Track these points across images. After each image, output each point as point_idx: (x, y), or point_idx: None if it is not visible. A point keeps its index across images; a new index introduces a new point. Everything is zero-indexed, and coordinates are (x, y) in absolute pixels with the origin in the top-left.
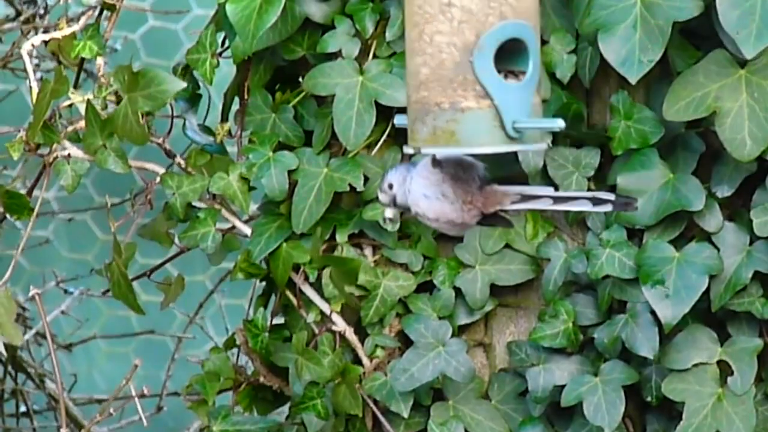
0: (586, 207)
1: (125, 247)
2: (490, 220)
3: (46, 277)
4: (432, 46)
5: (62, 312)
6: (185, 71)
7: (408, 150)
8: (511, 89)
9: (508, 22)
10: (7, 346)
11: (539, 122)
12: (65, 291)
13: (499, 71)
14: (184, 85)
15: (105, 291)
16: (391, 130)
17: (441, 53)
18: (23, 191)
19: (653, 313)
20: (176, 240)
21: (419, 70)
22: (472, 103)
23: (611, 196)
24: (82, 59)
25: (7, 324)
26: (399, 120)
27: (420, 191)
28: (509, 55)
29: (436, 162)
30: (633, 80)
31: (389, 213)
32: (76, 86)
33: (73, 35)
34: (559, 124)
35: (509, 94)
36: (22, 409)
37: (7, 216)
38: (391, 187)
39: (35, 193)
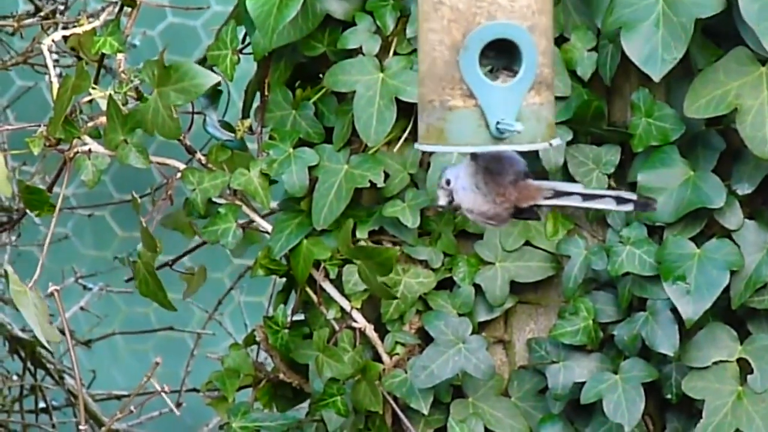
0: (610, 206)
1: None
2: (524, 214)
3: (65, 273)
4: (427, 44)
5: (81, 308)
6: (205, 68)
7: (416, 146)
8: (496, 90)
9: (495, 23)
10: (25, 343)
11: (513, 126)
12: (84, 287)
13: (492, 70)
14: (218, 78)
15: (123, 291)
16: (411, 127)
17: (434, 51)
18: (42, 187)
19: (673, 310)
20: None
21: (420, 68)
22: (458, 102)
23: (633, 196)
24: (102, 55)
25: (43, 323)
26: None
27: (460, 183)
28: (511, 55)
29: (473, 155)
30: (656, 78)
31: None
32: (95, 82)
33: (93, 31)
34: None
35: (494, 94)
36: (41, 405)
37: (27, 212)
38: (448, 183)
39: (55, 189)
